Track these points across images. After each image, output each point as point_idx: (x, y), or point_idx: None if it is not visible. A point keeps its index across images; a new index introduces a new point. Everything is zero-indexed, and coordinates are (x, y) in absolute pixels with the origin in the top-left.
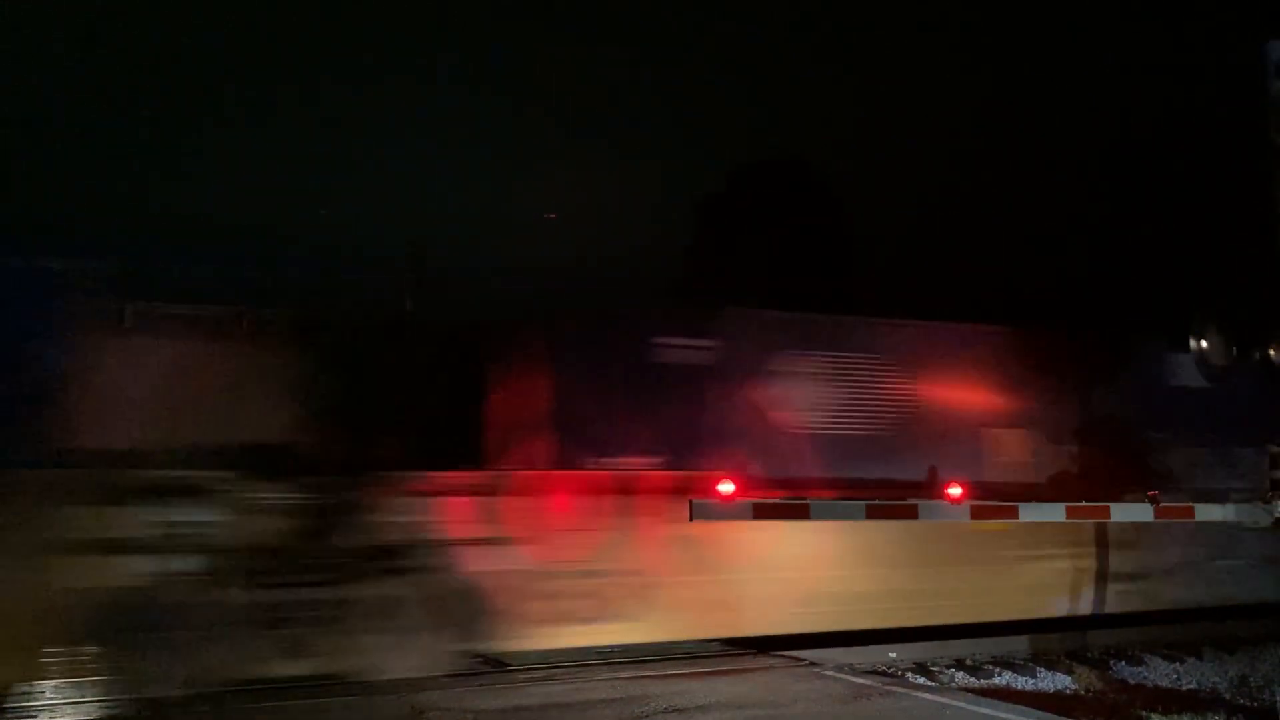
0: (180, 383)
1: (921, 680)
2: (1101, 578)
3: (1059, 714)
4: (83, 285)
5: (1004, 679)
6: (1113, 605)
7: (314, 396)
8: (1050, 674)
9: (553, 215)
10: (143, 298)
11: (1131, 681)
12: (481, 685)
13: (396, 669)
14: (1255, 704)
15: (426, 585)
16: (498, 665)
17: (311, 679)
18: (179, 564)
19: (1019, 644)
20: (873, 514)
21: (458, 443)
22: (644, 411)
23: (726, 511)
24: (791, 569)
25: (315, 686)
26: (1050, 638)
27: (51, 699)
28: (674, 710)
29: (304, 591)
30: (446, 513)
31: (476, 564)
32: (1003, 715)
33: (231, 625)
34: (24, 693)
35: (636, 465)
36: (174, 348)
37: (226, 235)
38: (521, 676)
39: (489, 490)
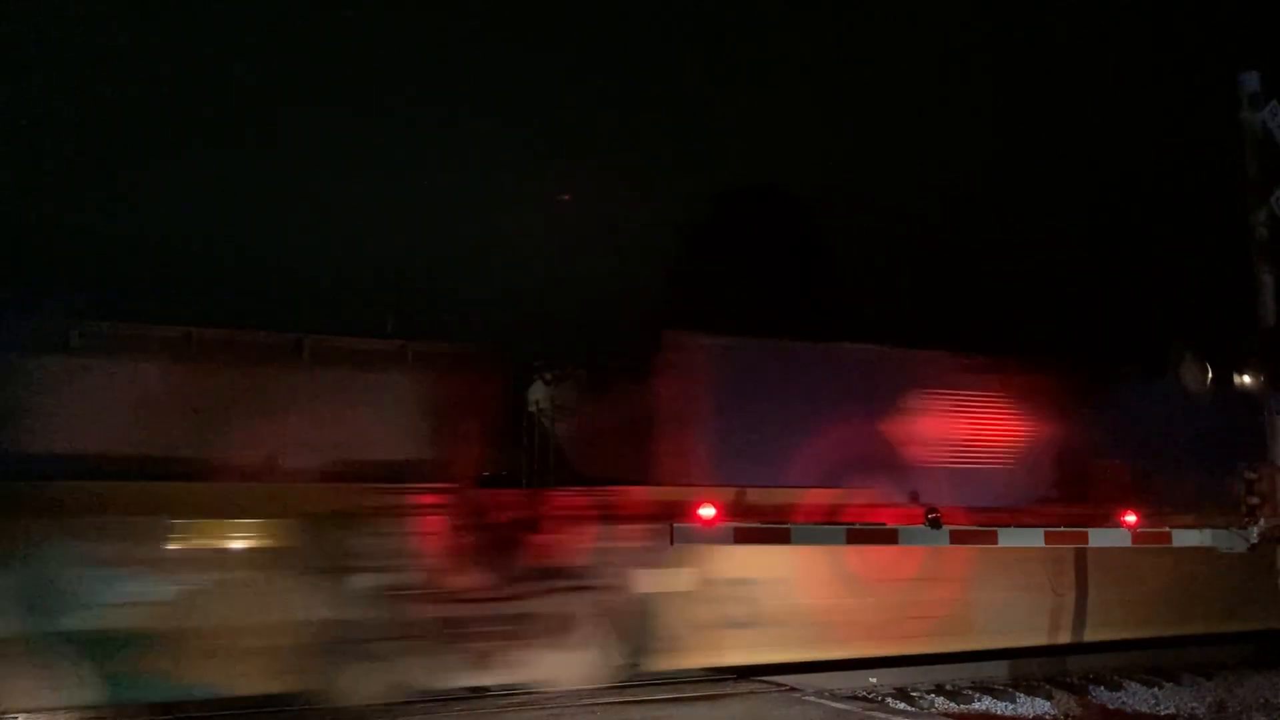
0: None
1: (902, 706)
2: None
3: None
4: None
5: (983, 704)
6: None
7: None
8: (1030, 699)
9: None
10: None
11: (1110, 707)
12: (462, 711)
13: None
14: None
15: None
16: (478, 691)
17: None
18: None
19: (999, 669)
20: (853, 538)
21: None
22: None
23: (708, 536)
24: None
25: (298, 709)
26: (1030, 663)
27: None
28: None
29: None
30: None
31: None
32: None
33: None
34: None
35: None
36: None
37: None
38: (501, 702)
39: None
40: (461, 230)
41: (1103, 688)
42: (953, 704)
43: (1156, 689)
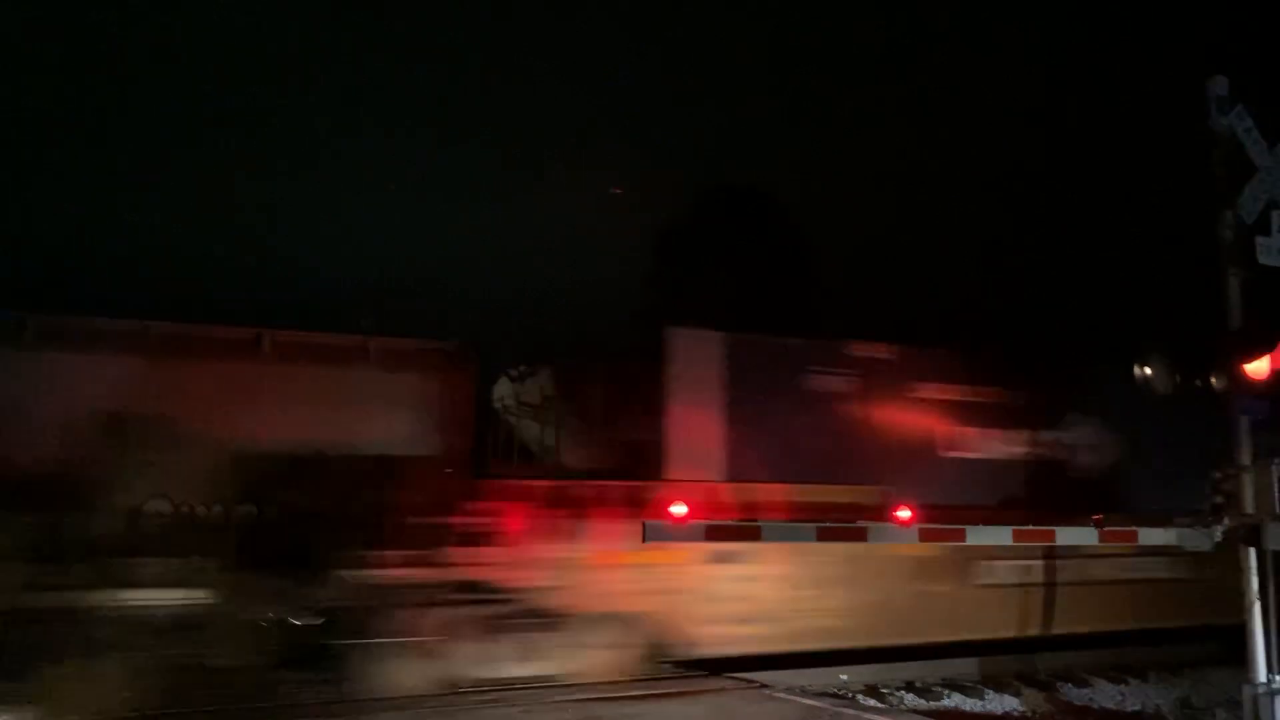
0: None
1: (872, 703)
2: None
3: None
4: None
5: (953, 701)
6: None
7: None
8: (999, 696)
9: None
10: None
11: (1078, 703)
12: (434, 709)
13: None
14: None
15: None
16: (450, 689)
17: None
18: None
19: (968, 666)
20: (823, 536)
21: None
22: None
23: (679, 533)
24: None
25: (272, 705)
26: (1000, 660)
27: None
28: None
29: None
30: None
31: None
32: None
33: None
34: None
35: None
36: None
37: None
38: (473, 699)
39: None
40: (448, 232)
41: (1071, 685)
42: (922, 701)
43: (1124, 686)
